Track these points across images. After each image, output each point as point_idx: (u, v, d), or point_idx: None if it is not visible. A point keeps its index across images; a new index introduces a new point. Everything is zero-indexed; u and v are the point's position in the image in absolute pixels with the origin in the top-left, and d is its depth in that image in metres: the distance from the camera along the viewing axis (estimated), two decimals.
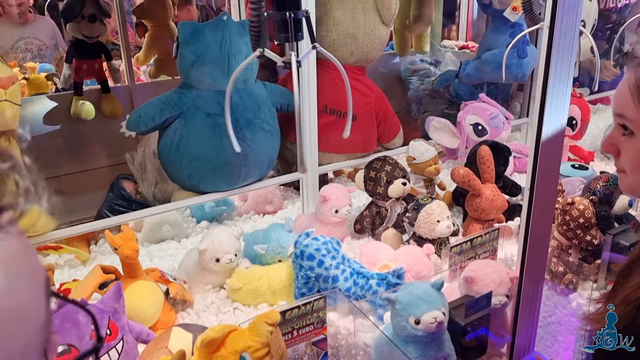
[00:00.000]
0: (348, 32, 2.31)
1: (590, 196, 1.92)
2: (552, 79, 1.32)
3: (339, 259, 1.71)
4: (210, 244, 1.77)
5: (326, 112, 2.36)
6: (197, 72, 2.02)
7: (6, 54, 4.13)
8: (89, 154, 3.29)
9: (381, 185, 2.13)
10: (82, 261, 2.10)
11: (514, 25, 2.77)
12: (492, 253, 1.98)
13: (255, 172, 2.19)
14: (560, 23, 1.25)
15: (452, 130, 2.61)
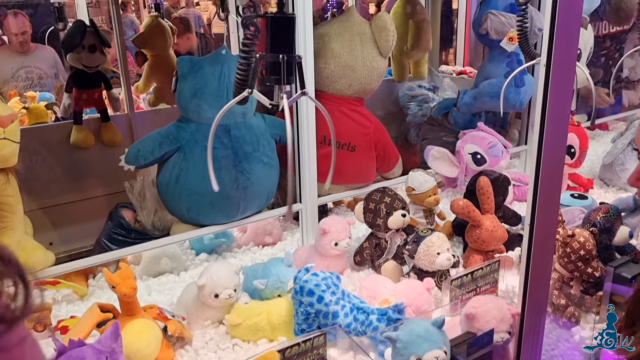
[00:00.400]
0: (346, 64, 2.33)
1: (591, 228, 1.91)
2: (550, 116, 1.32)
3: (339, 294, 1.70)
4: (209, 279, 1.75)
5: (325, 143, 2.37)
6: (196, 106, 2.02)
7: (7, 83, 4.15)
8: (89, 182, 3.29)
9: (381, 217, 2.13)
10: (80, 296, 2.08)
11: (511, 55, 2.79)
12: (493, 285, 1.97)
13: (255, 205, 2.19)
14: (557, 63, 1.26)
15: (451, 159, 2.61)
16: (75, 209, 3.24)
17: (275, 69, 1.50)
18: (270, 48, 1.49)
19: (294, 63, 1.52)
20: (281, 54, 1.48)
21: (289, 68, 1.51)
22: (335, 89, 2.37)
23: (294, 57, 1.52)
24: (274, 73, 1.51)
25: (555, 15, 1.25)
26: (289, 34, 1.49)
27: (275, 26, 1.47)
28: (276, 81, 1.52)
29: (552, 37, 1.25)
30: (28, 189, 3.07)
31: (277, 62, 1.48)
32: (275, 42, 1.48)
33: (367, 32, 2.37)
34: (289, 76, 1.51)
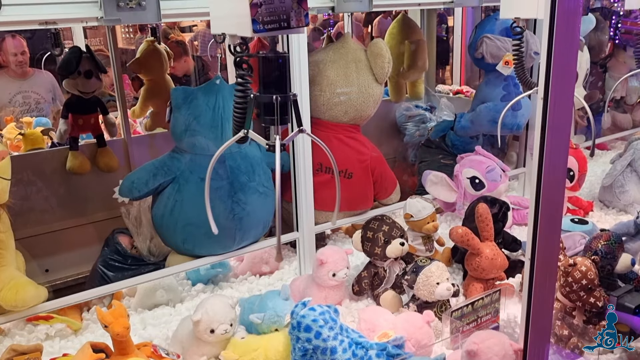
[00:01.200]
0: (342, 91, 2.32)
1: (592, 256, 1.89)
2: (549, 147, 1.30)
3: (337, 329, 1.66)
4: (205, 314, 1.72)
5: (321, 170, 2.35)
6: (191, 137, 2.01)
7: (4, 108, 4.14)
8: (85, 208, 3.27)
9: (379, 246, 2.10)
10: (74, 330, 2.04)
11: (507, 78, 2.79)
12: (494, 315, 1.93)
13: (251, 235, 2.16)
14: (554, 96, 1.24)
15: (449, 184, 2.59)
16: (72, 235, 3.21)
17: (269, 109, 1.46)
18: (263, 89, 1.46)
19: (288, 102, 1.49)
20: (275, 95, 1.44)
21: (284, 108, 1.47)
22: (331, 116, 2.36)
23: (288, 97, 1.48)
24: (268, 114, 1.47)
25: (551, 49, 1.23)
26: (282, 73, 1.45)
27: (267, 66, 1.43)
28: (271, 122, 1.48)
29: (548, 71, 1.24)
30: (24, 216, 3.05)
31: (271, 103, 1.45)
32: (268, 82, 1.45)
33: (363, 59, 2.37)
34: (283, 116, 1.48)
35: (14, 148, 3.73)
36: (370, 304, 2.11)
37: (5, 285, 1.70)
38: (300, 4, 1.25)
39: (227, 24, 1.35)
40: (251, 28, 1.22)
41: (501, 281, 2.15)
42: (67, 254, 3.17)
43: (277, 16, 1.24)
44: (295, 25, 1.27)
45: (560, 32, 1.21)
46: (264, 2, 1.19)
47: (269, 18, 1.22)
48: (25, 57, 4.22)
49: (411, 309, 1.96)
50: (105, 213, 3.17)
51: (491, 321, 1.92)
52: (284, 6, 1.23)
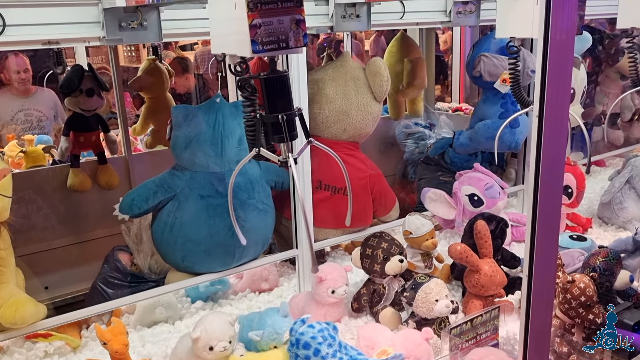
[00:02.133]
0: (341, 109, 2.34)
1: (590, 273, 1.89)
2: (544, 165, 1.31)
3: (336, 346, 1.66)
4: (204, 331, 1.72)
5: (320, 187, 2.36)
6: (191, 154, 2.02)
7: (6, 126, 4.17)
8: (85, 225, 3.28)
9: (378, 263, 2.10)
10: (73, 348, 2.03)
11: (505, 96, 2.81)
12: (493, 332, 1.93)
13: (250, 252, 2.17)
14: (549, 113, 1.26)
15: (448, 201, 2.60)
16: (72, 252, 3.22)
17: (277, 128, 1.47)
18: (268, 109, 1.47)
19: (294, 119, 1.50)
20: (280, 114, 1.46)
21: (291, 125, 1.48)
22: (330, 134, 2.38)
23: (293, 114, 1.49)
24: (276, 132, 1.48)
25: (545, 65, 1.25)
26: (285, 92, 1.47)
27: (270, 87, 1.44)
28: (280, 139, 1.49)
29: (543, 89, 1.25)
30: (24, 233, 3.06)
31: (278, 123, 1.46)
32: (273, 102, 1.46)
33: (361, 77, 2.39)
34: (291, 132, 1.49)
35: (15, 165, 3.75)
36: (369, 321, 2.11)
37: (5, 302, 1.71)
38: (299, 25, 1.28)
39: (227, 44, 1.38)
40: (250, 48, 1.24)
41: (500, 298, 2.15)
42: (67, 271, 3.17)
43: (276, 37, 1.26)
44: (293, 46, 1.29)
45: (554, 50, 1.22)
46: (263, 23, 1.22)
47: (268, 39, 1.24)
48: (28, 74, 4.26)
49: (410, 326, 1.96)
50: (105, 230, 3.18)
51: (490, 338, 1.92)
52: (282, 27, 1.25)
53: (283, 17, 1.24)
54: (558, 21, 1.23)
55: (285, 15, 1.24)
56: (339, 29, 2.14)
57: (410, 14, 2.31)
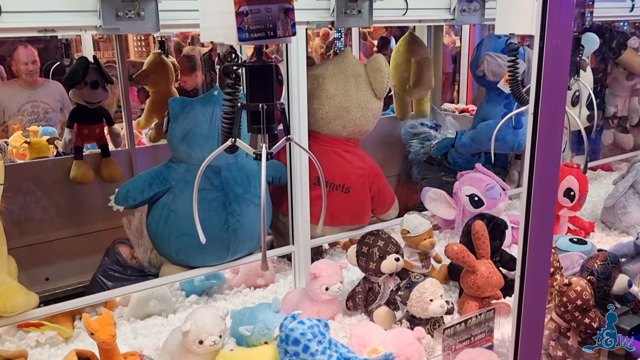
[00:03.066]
0: (341, 105, 2.32)
1: (588, 276, 1.86)
2: (539, 164, 1.29)
3: (326, 343, 1.64)
4: (194, 325, 1.70)
5: (318, 184, 2.34)
6: (187, 147, 2.01)
7: (13, 116, 4.19)
8: (87, 217, 3.28)
9: (374, 261, 2.08)
10: (65, 338, 2.03)
11: (508, 96, 2.78)
12: (488, 334, 1.90)
13: (245, 247, 2.15)
14: (544, 112, 1.23)
15: (448, 201, 2.57)
16: (72, 244, 3.23)
17: (256, 118, 1.47)
18: (249, 97, 1.46)
19: (274, 111, 1.49)
20: (261, 103, 1.45)
21: (270, 117, 1.47)
22: (330, 130, 2.36)
23: (274, 105, 1.48)
24: (255, 122, 1.48)
25: (541, 62, 1.23)
26: (268, 82, 1.45)
27: (253, 75, 1.43)
28: (257, 130, 1.49)
29: (539, 85, 1.23)
30: (25, 223, 3.07)
31: (257, 112, 1.46)
32: (255, 91, 1.45)
33: (362, 74, 2.37)
34: (269, 124, 1.48)
35: (20, 156, 3.77)
36: (363, 320, 2.09)
37: None
38: (287, 14, 1.26)
39: (215, 32, 1.36)
40: (237, 36, 1.23)
41: (497, 300, 2.12)
42: (67, 262, 3.18)
43: (264, 25, 1.24)
44: (281, 35, 1.28)
45: (551, 46, 1.20)
46: (250, 11, 1.20)
47: (255, 27, 1.23)
48: (36, 66, 4.28)
49: (404, 325, 1.94)
50: (107, 223, 3.18)
51: (485, 340, 1.89)
52: (270, 15, 1.24)
53: (271, 5, 1.23)
54: (555, 17, 1.20)
55: (273, 4, 1.23)
56: (339, 24, 2.11)
57: (413, 11, 2.28)
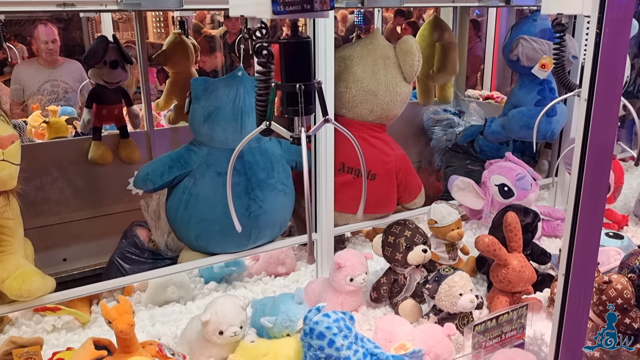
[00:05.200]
0: (368, 89, 2.22)
1: (629, 274, 1.76)
2: (591, 155, 1.19)
3: (352, 338, 1.57)
4: (214, 315, 1.65)
5: (343, 170, 2.26)
6: (209, 129, 1.94)
7: (32, 96, 4.16)
8: (105, 199, 3.25)
9: (400, 252, 2.00)
10: (82, 323, 1.99)
11: (543, 82, 2.66)
12: (519, 331, 1.82)
13: (267, 234, 2.08)
14: (600, 97, 1.13)
15: (476, 190, 2.48)
16: (90, 225, 3.20)
17: (293, 99, 1.35)
18: (285, 77, 1.34)
19: (312, 91, 1.37)
20: (298, 83, 1.33)
21: (308, 97, 1.35)
22: (356, 115, 2.27)
23: (312, 85, 1.36)
24: (291, 104, 1.36)
25: (599, 45, 1.12)
26: (305, 59, 1.34)
27: (289, 53, 1.32)
28: (294, 112, 1.36)
29: (595, 69, 1.13)
30: (44, 204, 3.04)
31: (294, 92, 1.33)
32: (291, 70, 1.34)
33: (391, 56, 2.27)
34: (307, 106, 1.36)
35: (38, 136, 3.74)
36: (388, 312, 2.02)
37: (12, 273, 1.65)
38: None
39: (245, 5, 1.26)
40: (271, 9, 1.13)
41: (528, 295, 2.04)
42: (85, 244, 3.16)
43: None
44: (319, 8, 1.17)
45: (610, 26, 1.10)
46: None
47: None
48: (56, 45, 4.23)
49: (431, 320, 1.87)
50: (125, 205, 3.14)
51: (516, 337, 1.81)
52: None
53: None
54: None
55: None
56: (369, 4, 2.02)
57: None
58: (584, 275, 1.28)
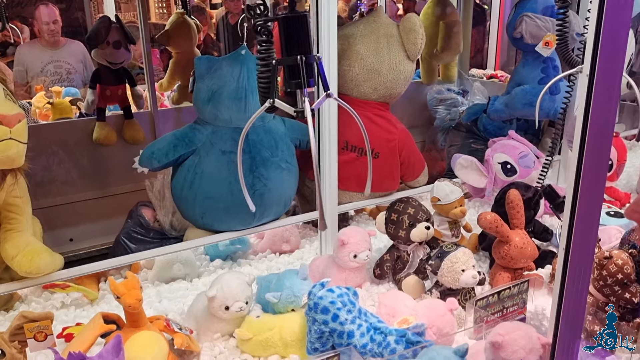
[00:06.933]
0: (372, 67, 2.22)
1: (630, 249, 1.78)
2: (592, 130, 1.20)
3: (355, 312, 1.60)
4: (220, 290, 1.67)
5: (347, 149, 2.27)
6: (213, 108, 1.95)
7: (35, 77, 4.16)
8: (110, 179, 3.28)
9: (403, 229, 2.02)
10: (91, 300, 2.02)
11: (546, 60, 2.66)
12: (521, 306, 1.85)
13: (271, 211, 2.11)
14: (601, 72, 1.14)
15: (479, 168, 2.49)
16: (97, 205, 3.23)
17: (295, 72, 1.38)
18: (286, 51, 1.38)
19: (313, 64, 1.40)
20: (299, 55, 1.36)
21: (309, 69, 1.39)
22: (360, 93, 2.27)
23: (312, 57, 1.40)
24: (293, 77, 1.39)
25: (601, 20, 1.13)
26: (304, 33, 1.38)
27: (288, 27, 1.36)
28: (297, 85, 1.39)
29: (596, 43, 1.13)
30: (49, 184, 3.07)
31: (296, 65, 1.37)
32: (291, 43, 1.37)
33: (395, 34, 2.26)
34: (309, 78, 1.39)
35: (43, 117, 3.75)
36: (391, 288, 2.04)
37: (21, 250, 1.68)
38: None
39: None
40: None
41: (530, 271, 2.06)
42: (91, 224, 3.19)
43: None
44: None
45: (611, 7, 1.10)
46: None
47: None
48: (57, 26, 4.21)
49: (434, 295, 1.89)
50: (130, 185, 3.18)
51: (517, 312, 1.84)
52: None
53: None
54: None
55: None
56: None
57: None
58: (584, 250, 1.29)
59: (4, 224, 1.73)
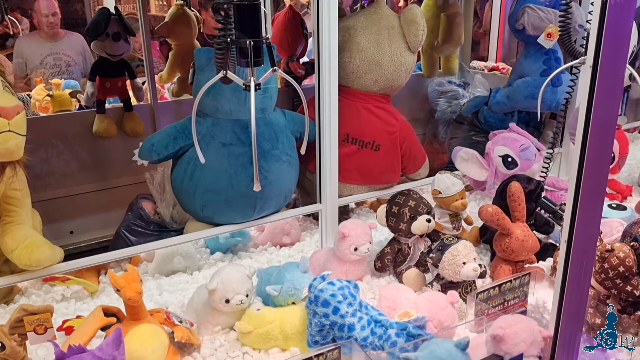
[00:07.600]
0: (372, 59, 2.21)
1: (631, 242, 1.77)
2: (594, 123, 1.19)
3: (356, 305, 1.59)
4: (220, 283, 1.67)
5: (347, 141, 2.26)
6: (213, 100, 1.94)
7: (35, 69, 4.15)
8: (110, 172, 3.27)
9: (404, 222, 2.01)
10: (91, 293, 2.02)
11: (548, 52, 2.64)
12: (522, 299, 1.84)
13: (272, 204, 2.10)
14: (605, 65, 1.13)
15: (480, 161, 2.48)
16: (97, 198, 3.22)
17: (244, 53, 1.64)
18: (238, 34, 1.63)
19: (261, 47, 1.66)
20: (249, 40, 1.62)
21: (257, 52, 1.65)
22: (361, 85, 2.26)
23: (260, 41, 1.66)
24: (243, 57, 1.66)
25: (604, 11, 1.12)
26: (254, 20, 1.63)
27: (240, 13, 1.60)
28: (246, 64, 1.67)
29: (600, 35, 1.12)
30: (49, 177, 3.06)
31: (245, 47, 1.63)
32: (243, 28, 1.62)
33: (396, 26, 2.25)
34: (256, 58, 1.66)
35: (42, 109, 3.74)
36: (392, 281, 2.04)
37: (21, 243, 1.68)
38: None
39: None
40: None
41: (531, 264, 2.06)
42: (91, 217, 3.18)
43: None
44: None
45: None
46: None
47: None
48: (57, 18, 4.19)
49: (435, 288, 1.89)
50: (130, 178, 3.17)
51: (518, 305, 1.83)
52: None
53: None
54: None
55: None
56: None
57: None
58: (586, 243, 1.29)
59: (4, 216, 1.72)
